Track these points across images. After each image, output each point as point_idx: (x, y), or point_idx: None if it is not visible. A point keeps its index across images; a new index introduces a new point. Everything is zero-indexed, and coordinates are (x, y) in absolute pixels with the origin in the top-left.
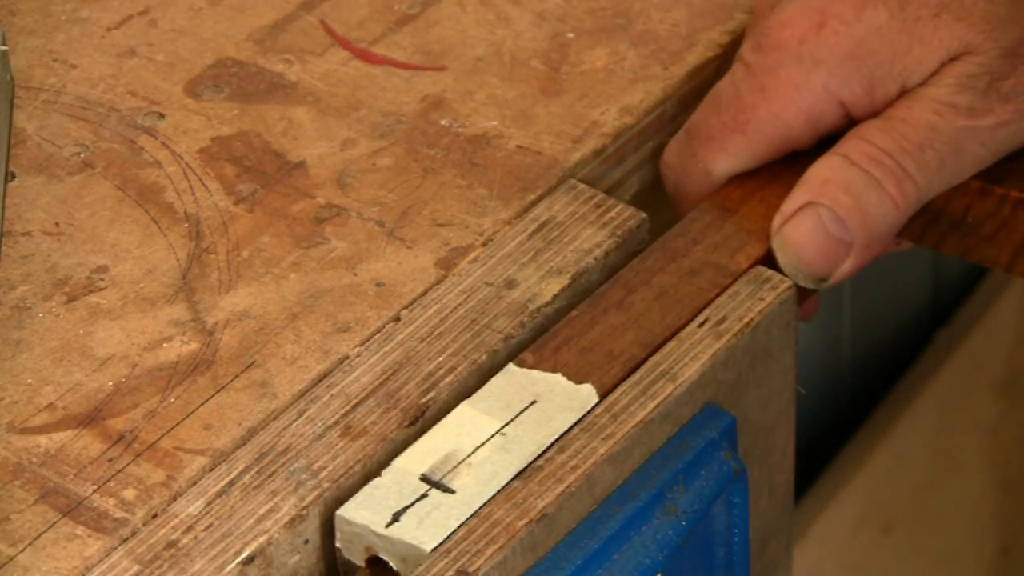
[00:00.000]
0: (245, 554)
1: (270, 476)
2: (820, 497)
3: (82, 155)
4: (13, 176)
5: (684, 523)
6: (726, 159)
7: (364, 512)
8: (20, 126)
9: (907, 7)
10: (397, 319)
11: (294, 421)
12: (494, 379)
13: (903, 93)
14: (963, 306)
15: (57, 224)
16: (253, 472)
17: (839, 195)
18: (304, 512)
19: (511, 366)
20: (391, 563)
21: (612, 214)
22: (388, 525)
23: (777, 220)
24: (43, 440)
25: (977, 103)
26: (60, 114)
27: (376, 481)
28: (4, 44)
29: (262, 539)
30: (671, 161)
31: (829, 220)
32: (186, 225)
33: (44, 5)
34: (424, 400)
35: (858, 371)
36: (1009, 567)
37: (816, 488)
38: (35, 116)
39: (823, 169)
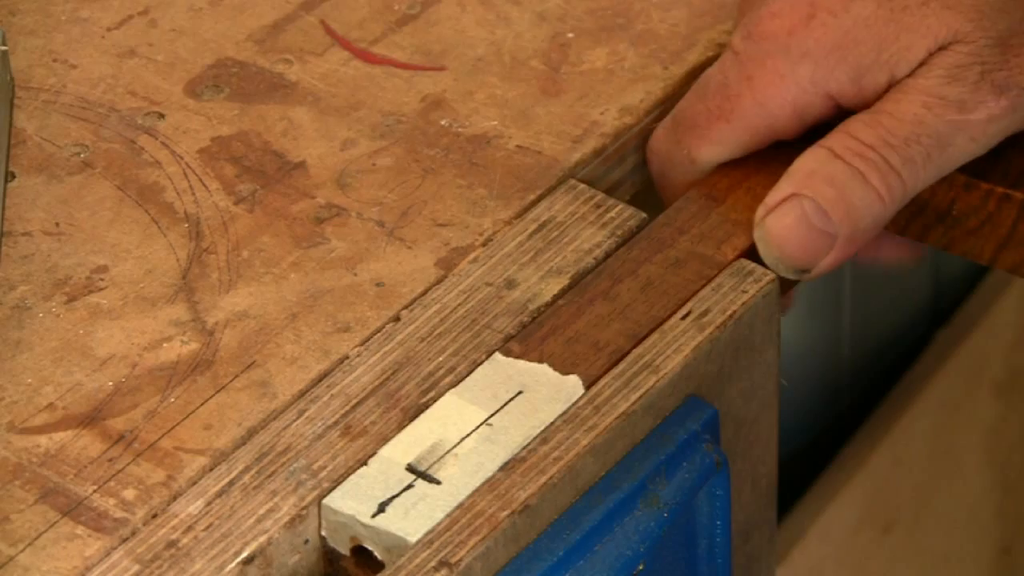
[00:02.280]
0: (245, 554)
1: (270, 476)
2: (820, 497)
3: (82, 155)
4: (13, 176)
5: (666, 515)
6: (710, 147)
7: (350, 502)
8: (20, 126)
9: None
10: (397, 319)
11: (294, 421)
12: (480, 368)
13: (893, 83)
14: (963, 306)
15: (57, 224)
16: (253, 472)
17: (823, 187)
18: (304, 512)
19: (497, 355)
20: (376, 553)
21: (612, 214)
22: (374, 515)
23: (760, 211)
24: (43, 440)
25: (967, 95)
26: (60, 114)
27: (362, 470)
28: (4, 44)
29: (262, 539)
30: (657, 147)
31: (813, 212)
32: (186, 225)
33: (44, 5)
34: (424, 400)
35: (858, 371)
36: (1009, 567)
37: (816, 488)
38: (35, 116)
39: (808, 162)
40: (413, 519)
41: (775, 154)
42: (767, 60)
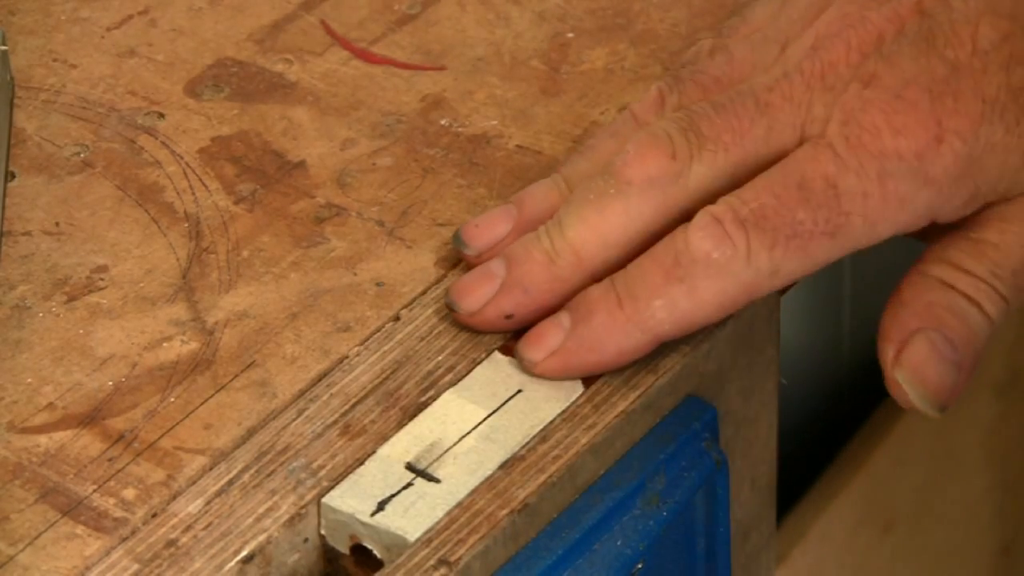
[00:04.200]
0: (244, 553)
1: (269, 475)
2: (820, 497)
3: (82, 155)
4: (13, 176)
5: (665, 514)
6: (804, 261)
7: (349, 500)
8: (20, 126)
9: (1022, 121)
10: (397, 318)
11: (293, 420)
12: (480, 367)
13: (996, 203)
14: None
15: (57, 224)
16: (252, 471)
17: (948, 318)
18: (303, 511)
19: (497, 354)
20: (375, 552)
21: None
22: (373, 514)
23: (888, 349)
24: (43, 440)
25: None
26: (60, 114)
27: (361, 469)
28: (4, 44)
29: (261, 538)
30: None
31: (942, 344)
32: (186, 225)
33: (44, 5)
34: (423, 399)
35: (858, 371)
36: (1009, 567)
37: (816, 488)
38: (35, 116)
39: (922, 292)
40: (412, 517)
41: None
42: (888, 180)
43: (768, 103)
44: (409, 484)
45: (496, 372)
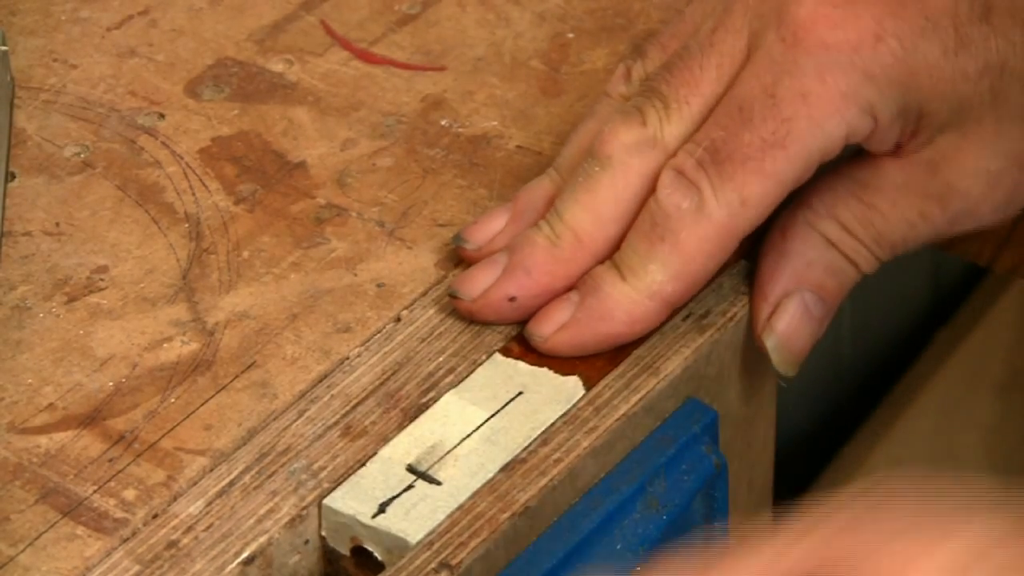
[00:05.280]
0: (245, 554)
1: (270, 476)
2: (820, 497)
3: (82, 155)
4: (13, 176)
5: (664, 517)
6: (766, 182)
7: (350, 502)
8: (20, 126)
9: (960, 52)
10: (397, 319)
11: (294, 421)
12: (480, 368)
13: (915, 132)
14: (963, 306)
15: (57, 224)
16: (253, 472)
17: (824, 279)
18: (304, 512)
19: (497, 356)
20: (376, 554)
21: None
22: (374, 516)
23: (764, 309)
24: (43, 440)
25: (969, 206)
26: (60, 114)
27: (362, 471)
28: (4, 44)
29: (262, 539)
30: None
31: (814, 304)
32: (186, 225)
33: (44, 5)
34: (424, 400)
35: (858, 371)
36: None
37: (816, 488)
38: (35, 116)
39: (803, 248)
40: (413, 520)
41: None
42: (826, 75)
43: (711, 43)
44: (410, 486)
45: (497, 374)
